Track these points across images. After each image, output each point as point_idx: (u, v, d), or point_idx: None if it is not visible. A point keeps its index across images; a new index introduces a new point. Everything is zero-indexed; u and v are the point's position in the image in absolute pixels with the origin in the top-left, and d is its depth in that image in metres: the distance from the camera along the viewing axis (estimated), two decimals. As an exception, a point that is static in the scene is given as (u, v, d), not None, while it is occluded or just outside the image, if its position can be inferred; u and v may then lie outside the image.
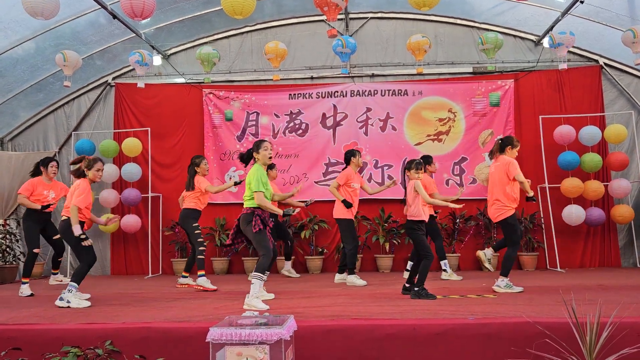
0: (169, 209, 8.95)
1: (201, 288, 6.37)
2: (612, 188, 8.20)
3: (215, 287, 6.38)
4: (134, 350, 3.49)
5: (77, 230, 5.16)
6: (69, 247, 6.09)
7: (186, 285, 6.80)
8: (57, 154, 9.25)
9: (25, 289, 6.31)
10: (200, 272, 6.53)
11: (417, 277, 5.26)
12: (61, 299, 5.04)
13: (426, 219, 5.44)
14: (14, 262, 8.52)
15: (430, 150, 8.82)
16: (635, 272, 7.53)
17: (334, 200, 6.87)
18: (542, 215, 8.47)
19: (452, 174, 8.77)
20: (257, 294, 4.74)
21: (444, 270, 7.11)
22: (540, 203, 8.44)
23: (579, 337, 3.07)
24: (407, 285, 5.47)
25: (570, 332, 3.17)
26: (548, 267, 8.35)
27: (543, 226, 8.48)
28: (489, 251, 6.08)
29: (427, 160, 7.00)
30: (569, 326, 3.18)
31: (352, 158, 6.86)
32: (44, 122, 9.38)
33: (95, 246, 9.10)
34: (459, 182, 8.71)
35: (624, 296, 4.68)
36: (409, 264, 6.92)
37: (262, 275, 4.87)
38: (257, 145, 5.21)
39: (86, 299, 5.25)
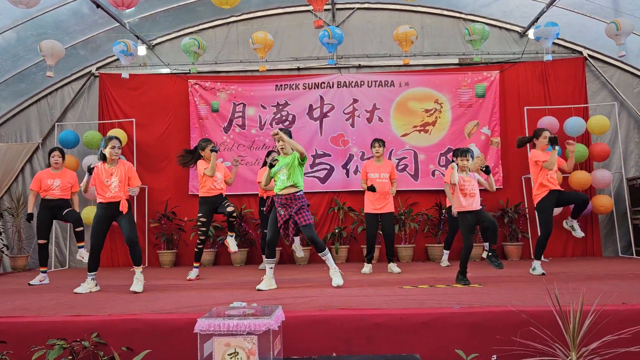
0: (155, 200, 8.88)
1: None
2: (594, 178, 8.31)
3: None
4: (121, 342, 3.47)
5: None
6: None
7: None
8: (40, 146, 9.13)
9: (44, 277, 6.58)
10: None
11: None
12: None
13: None
14: (-3, 255, 8.41)
15: (417, 141, 8.87)
16: (616, 261, 7.66)
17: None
18: (526, 206, 8.57)
19: (438, 165, 8.82)
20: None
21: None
22: (525, 194, 8.55)
23: (563, 325, 3.12)
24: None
25: (554, 320, 3.22)
26: (532, 256, 8.44)
27: (527, 217, 8.58)
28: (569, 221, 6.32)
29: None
30: (552, 314, 3.22)
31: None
32: (26, 113, 9.23)
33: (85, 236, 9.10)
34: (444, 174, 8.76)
35: (606, 284, 4.76)
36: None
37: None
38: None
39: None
